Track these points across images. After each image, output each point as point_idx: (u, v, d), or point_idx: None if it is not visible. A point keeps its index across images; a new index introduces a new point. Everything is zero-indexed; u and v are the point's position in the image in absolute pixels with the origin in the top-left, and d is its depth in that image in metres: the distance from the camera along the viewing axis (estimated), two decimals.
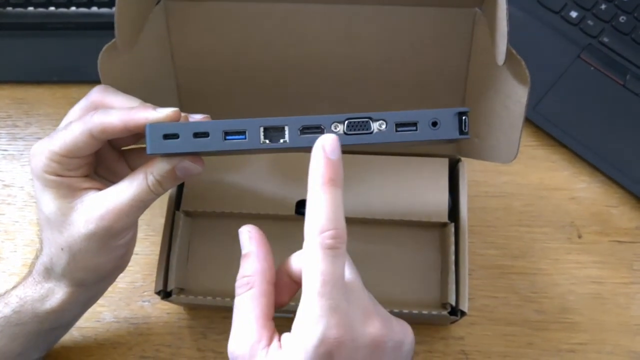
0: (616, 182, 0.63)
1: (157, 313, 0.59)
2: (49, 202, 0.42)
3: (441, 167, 0.56)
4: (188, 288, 0.56)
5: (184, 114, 0.41)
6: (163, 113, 0.40)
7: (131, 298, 0.60)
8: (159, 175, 0.41)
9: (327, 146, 0.36)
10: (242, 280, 0.40)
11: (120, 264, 0.47)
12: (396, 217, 0.55)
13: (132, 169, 0.45)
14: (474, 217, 0.61)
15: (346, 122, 0.39)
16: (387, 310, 0.41)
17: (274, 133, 0.39)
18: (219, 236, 0.57)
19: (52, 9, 0.69)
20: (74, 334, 0.58)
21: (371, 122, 0.39)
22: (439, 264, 0.55)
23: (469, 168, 0.56)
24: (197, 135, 0.39)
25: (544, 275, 0.60)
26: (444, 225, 0.55)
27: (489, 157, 0.52)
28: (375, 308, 0.39)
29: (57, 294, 0.46)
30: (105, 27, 0.43)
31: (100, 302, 0.51)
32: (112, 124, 0.40)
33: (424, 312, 0.51)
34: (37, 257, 0.46)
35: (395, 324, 0.39)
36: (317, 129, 0.39)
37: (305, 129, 0.39)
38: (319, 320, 0.34)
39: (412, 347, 0.42)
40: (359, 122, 0.39)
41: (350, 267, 0.40)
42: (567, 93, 0.65)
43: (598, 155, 0.63)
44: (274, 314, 0.39)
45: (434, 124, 0.39)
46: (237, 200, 0.55)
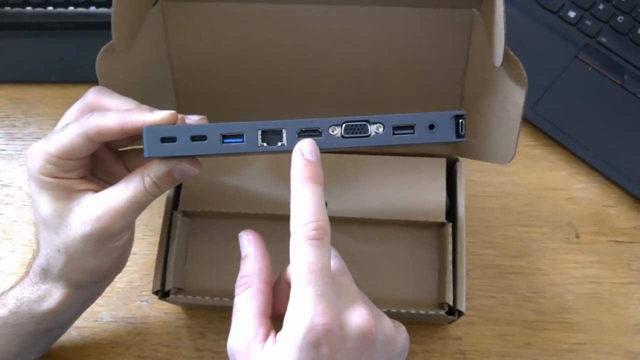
0: (614, 182, 0.63)
1: (155, 313, 0.59)
2: (45, 204, 0.42)
3: (439, 167, 0.56)
4: (186, 288, 0.56)
5: (180, 116, 0.41)
6: (160, 116, 0.40)
7: (129, 298, 0.60)
8: (156, 177, 0.41)
9: (305, 149, 0.38)
10: (241, 280, 0.42)
11: (117, 265, 0.47)
12: (394, 217, 0.55)
13: (129, 170, 0.45)
14: (472, 217, 0.61)
15: (344, 126, 0.39)
16: (384, 310, 0.41)
17: (271, 136, 0.39)
18: (217, 236, 0.57)
19: (50, 8, 0.69)
20: (72, 333, 0.58)
21: (369, 125, 0.39)
22: (436, 264, 0.55)
23: (467, 168, 0.56)
24: (194, 138, 0.39)
25: (542, 275, 0.60)
26: (441, 225, 0.55)
27: (486, 157, 0.52)
28: (365, 301, 0.40)
29: (54, 295, 0.46)
30: (104, 27, 0.43)
31: (98, 302, 0.51)
32: (109, 126, 0.39)
33: (422, 312, 0.51)
34: (34, 258, 0.46)
35: (386, 320, 0.40)
36: (315, 131, 0.39)
37: (303, 132, 0.39)
38: (306, 309, 0.35)
39: (406, 347, 0.42)
40: (356, 125, 0.39)
41: (336, 260, 0.41)
42: (565, 93, 0.65)
43: (596, 155, 0.63)
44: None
45: (431, 127, 0.39)
46: (234, 201, 0.55)
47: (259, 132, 0.39)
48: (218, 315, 0.58)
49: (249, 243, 0.43)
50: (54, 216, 0.42)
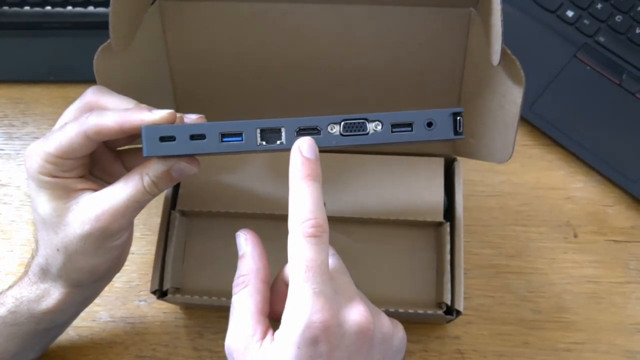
0: (612, 181, 0.63)
1: (153, 312, 0.59)
2: (44, 203, 0.42)
3: (437, 166, 0.56)
4: (184, 287, 0.56)
5: (179, 115, 0.41)
6: (158, 115, 0.40)
7: (127, 297, 0.60)
8: (155, 176, 0.41)
9: (303, 147, 0.38)
10: (238, 279, 0.42)
11: (116, 264, 0.47)
12: (392, 217, 0.55)
13: (127, 169, 0.45)
14: (469, 217, 0.61)
15: (342, 123, 0.39)
16: (382, 309, 0.41)
17: (270, 134, 0.39)
18: (215, 236, 0.57)
19: (48, 8, 0.69)
20: (70, 333, 0.58)
21: (367, 123, 0.39)
22: (434, 264, 0.55)
23: (464, 167, 0.56)
24: (193, 137, 0.39)
25: (540, 274, 0.60)
26: (439, 224, 0.55)
27: (484, 156, 0.52)
28: (363, 299, 0.40)
29: (53, 294, 0.46)
30: (102, 26, 0.43)
31: (96, 301, 0.51)
32: (107, 125, 0.39)
33: (420, 311, 0.51)
34: (32, 257, 0.46)
35: (384, 318, 0.41)
36: (314, 130, 0.39)
37: (302, 130, 0.39)
38: (304, 306, 0.35)
39: (404, 345, 0.42)
40: (355, 123, 0.39)
41: (334, 258, 0.41)
42: (563, 92, 0.65)
43: (594, 154, 0.63)
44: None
45: (429, 125, 0.39)
46: (233, 200, 0.55)
47: (258, 131, 0.39)
48: (216, 314, 0.59)
49: (246, 242, 0.43)
50: (53, 215, 0.42)
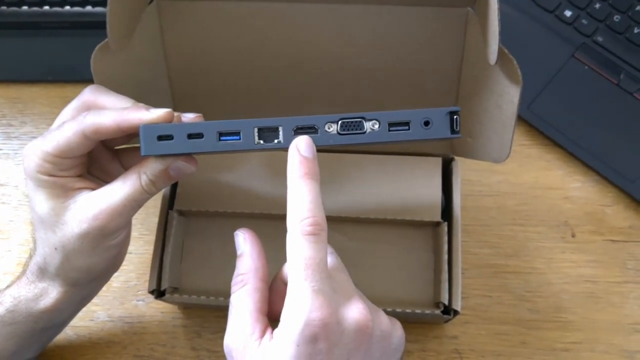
0: (610, 181, 0.63)
1: (151, 312, 0.59)
2: (42, 202, 0.42)
3: (434, 166, 0.56)
4: (182, 287, 0.56)
5: (176, 114, 0.41)
6: (156, 114, 0.40)
7: (125, 297, 0.60)
8: (152, 175, 0.41)
9: (301, 146, 0.38)
10: (237, 278, 0.42)
11: (114, 263, 0.47)
12: (389, 216, 0.55)
13: (125, 168, 0.45)
14: (467, 216, 0.61)
15: (340, 122, 0.39)
16: (380, 309, 0.41)
17: (268, 133, 0.39)
18: (213, 235, 0.57)
19: (46, 8, 0.69)
20: (68, 333, 0.58)
21: (364, 122, 0.39)
22: (432, 263, 0.56)
23: (462, 167, 0.56)
24: (191, 136, 0.39)
25: (537, 274, 0.60)
26: (437, 224, 0.55)
27: (481, 156, 0.52)
28: (361, 297, 0.40)
29: (51, 293, 0.46)
30: (100, 26, 0.43)
31: (94, 301, 0.51)
32: (105, 124, 0.40)
33: (418, 311, 0.51)
34: (30, 256, 0.46)
35: (382, 316, 0.41)
36: (311, 129, 0.39)
37: (299, 129, 0.39)
38: (303, 303, 0.35)
39: (402, 343, 0.42)
40: (352, 122, 0.39)
41: (332, 256, 0.42)
42: (561, 92, 0.65)
43: (592, 154, 0.63)
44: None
45: (426, 124, 0.39)
46: (230, 200, 0.55)
47: (256, 130, 0.39)
48: (214, 314, 0.59)
49: (244, 241, 0.43)
50: (51, 214, 0.42)
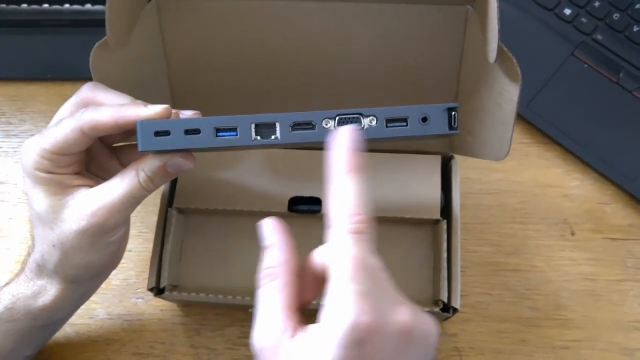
0: (609, 179, 0.63)
1: (151, 310, 0.59)
2: (40, 200, 0.42)
3: (434, 164, 0.56)
4: (181, 285, 0.55)
5: (174, 111, 0.41)
6: (154, 110, 0.40)
7: (125, 295, 0.60)
8: (151, 171, 0.41)
9: (348, 138, 0.37)
10: (266, 271, 0.38)
11: (112, 260, 0.47)
12: (389, 215, 0.54)
13: (123, 165, 0.45)
14: (467, 215, 0.61)
15: (337, 119, 0.39)
16: (419, 307, 0.40)
17: (265, 130, 0.39)
18: (212, 233, 0.57)
19: (45, 6, 0.69)
20: (68, 330, 0.58)
21: (362, 118, 0.39)
22: (431, 261, 0.55)
23: (462, 166, 0.56)
24: (188, 132, 0.39)
25: (537, 272, 0.60)
26: (436, 222, 0.55)
27: (481, 154, 0.52)
28: (403, 297, 0.38)
29: (49, 291, 0.46)
30: (100, 24, 0.43)
31: (93, 299, 0.51)
32: (103, 121, 0.40)
33: None
34: (29, 254, 0.46)
35: (423, 316, 0.38)
36: (309, 125, 0.39)
37: (297, 126, 0.39)
38: (351, 306, 0.33)
39: (438, 340, 0.41)
40: (350, 118, 0.39)
41: (376, 255, 0.38)
42: (560, 91, 0.65)
43: (592, 152, 0.63)
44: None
45: (424, 120, 0.39)
46: (230, 198, 0.55)
47: (253, 126, 0.39)
48: (214, 312, 0.58)
49: (272, 231, 0.39)
50: (49, 212, 0.42)
